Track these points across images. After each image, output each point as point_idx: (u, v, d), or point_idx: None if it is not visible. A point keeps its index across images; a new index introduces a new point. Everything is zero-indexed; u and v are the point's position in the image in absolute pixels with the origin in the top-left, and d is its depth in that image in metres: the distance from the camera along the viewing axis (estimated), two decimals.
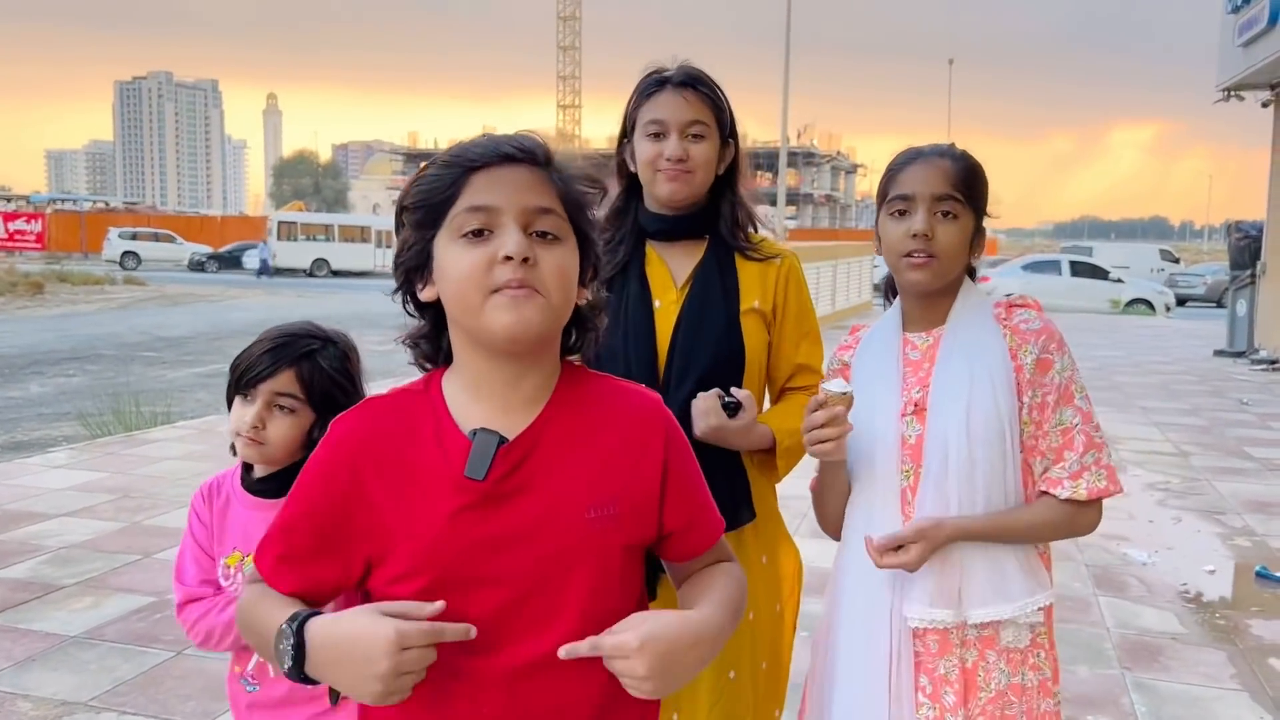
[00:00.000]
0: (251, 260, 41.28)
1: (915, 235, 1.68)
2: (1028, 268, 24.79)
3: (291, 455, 1.73)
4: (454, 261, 1.13)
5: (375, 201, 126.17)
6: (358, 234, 42.00)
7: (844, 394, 1.65)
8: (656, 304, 2.01)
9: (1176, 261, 37.34)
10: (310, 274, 39.42)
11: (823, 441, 1.66)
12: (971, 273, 1.80)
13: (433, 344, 1.22)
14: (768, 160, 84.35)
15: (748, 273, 2.04)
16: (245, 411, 1.72)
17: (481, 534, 1.14)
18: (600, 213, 2.05)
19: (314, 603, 1.20)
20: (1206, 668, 3.86)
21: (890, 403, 1.75)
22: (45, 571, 4.62)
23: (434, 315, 1.21)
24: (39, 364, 13.44)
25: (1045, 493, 1.69)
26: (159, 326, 18.69)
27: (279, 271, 38.48)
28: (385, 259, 41.36)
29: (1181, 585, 4.79)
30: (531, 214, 1.13)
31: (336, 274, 39.66)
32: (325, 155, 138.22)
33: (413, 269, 1.18)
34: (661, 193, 2.01)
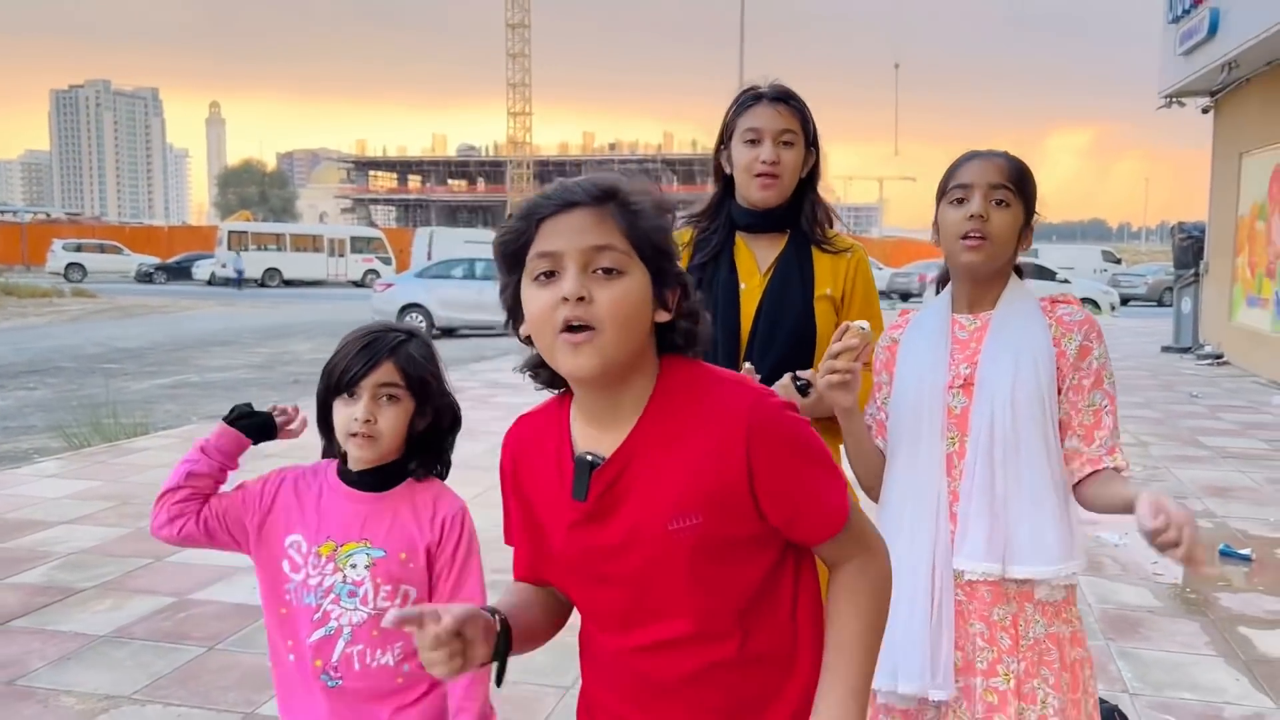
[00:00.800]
0: (202, 271, 40.79)
1: (972, 217, 1.89)
2: None
3: (398, 448, 1.81)
4: (530, 302, 1.25)
5: (323, 210, 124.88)
6: (310, 243, 41.67)
7: (864, 329, 1.86)
8: (742, 286, 2.32)
9: (1118, 262, 38.35)
10: (262, 284, 39.04)
11: (835, 373, 1.84)
12: (1019, 271, 2.01)
13: (549, 370, 1.31)
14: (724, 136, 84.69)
15: (822, 263, 2.34)
16: (353, 409, 1.76)
17: (590, 545, 1.31)
18: (698, 208, 2.31)
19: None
20: (1183, 637, 4.14)
21: (938, 375, 1.95)
22: (60, 576, 4.69)
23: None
24: None
25: (1096, 471, 1.89)
26: (115, 338, 18.48)
27: (229, 282, 38.06)
28: (338, 268, 41.08)
29: (1152, 564, 5.08)
30: (590, 253, 1.21)
31: (289, 283, 39.31)
32: (271, 164, 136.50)
33: (510, 308, 1.31)
34: (755, 198, 2.31)
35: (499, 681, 1.27)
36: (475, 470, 6.92)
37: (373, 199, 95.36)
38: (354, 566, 1.73)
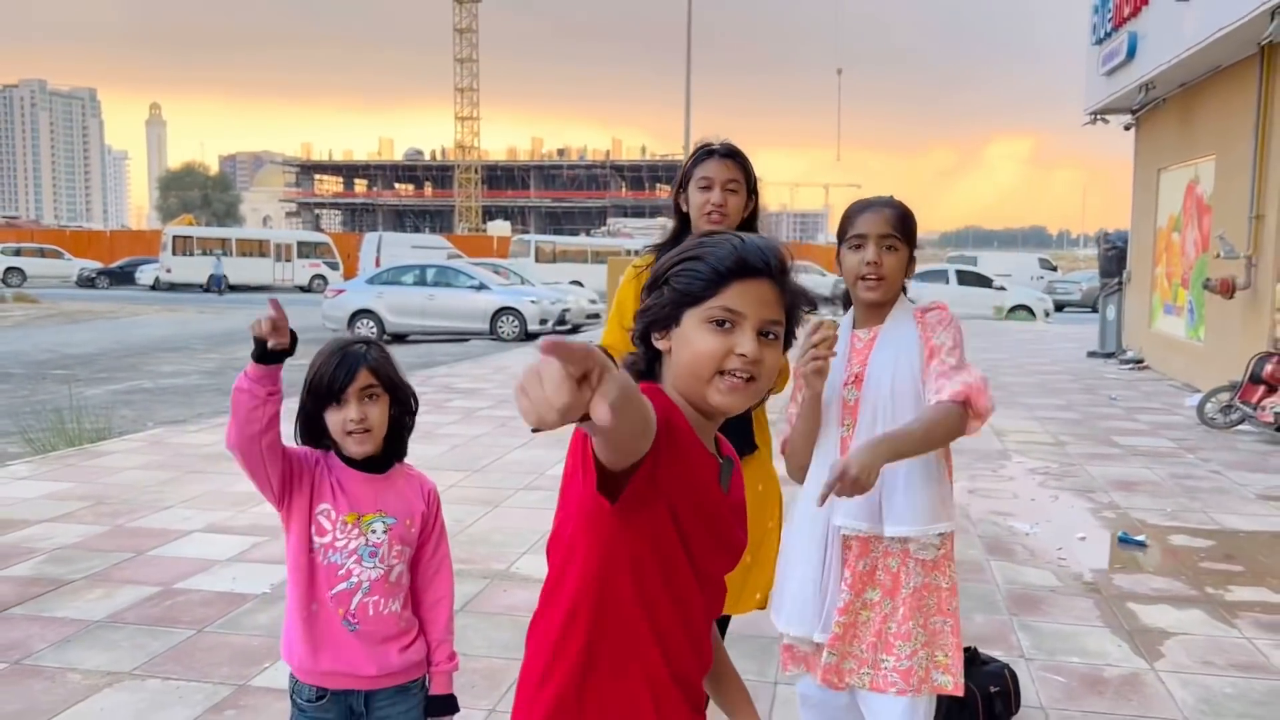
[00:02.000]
0: (146, 276, 40.38)
1: (869, 264, 2.38)
2: (917, 277, 26.01)
3: (382, 441, 2.18)
4: (700, 339, 1.45)
5: (267, 214, 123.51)
6: (256, 248, 41.46)
7: (834, 321, 2.30)
8: None
9: (1054, 269, 39.51)
10: (206, 289, 38.79)
11: (817, 359, 2.24)
12: (904, 288, 2.49)
13: (649, 366, 1.56)
14: (667, 173, 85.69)
15: None
16: (344, 413, 2.10)
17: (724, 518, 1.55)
18: (658, 239, 2.79)
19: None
20: (1078, 612, 4.65)
21: (837, 375, 2.42)
22: (48, 569, 4.99)
23: (650, 353, 1.55)
24: None
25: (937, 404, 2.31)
26: (64, 344, 18.45)
27: (209, 289, 37.73)
28: (284, 273, 40.91)
29: (1058, 549, 5.61)
30: (765, 323, 1.47)
31: (234, 289, 39.09)
32: (213, 167, 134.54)
33: (658, 321, 1.51)
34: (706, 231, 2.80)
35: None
36: (435, 471, 7.31)
37: (318, 203, 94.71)
38: (374, 532, 2.14)
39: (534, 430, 1.00)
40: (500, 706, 3.61)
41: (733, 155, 2.82)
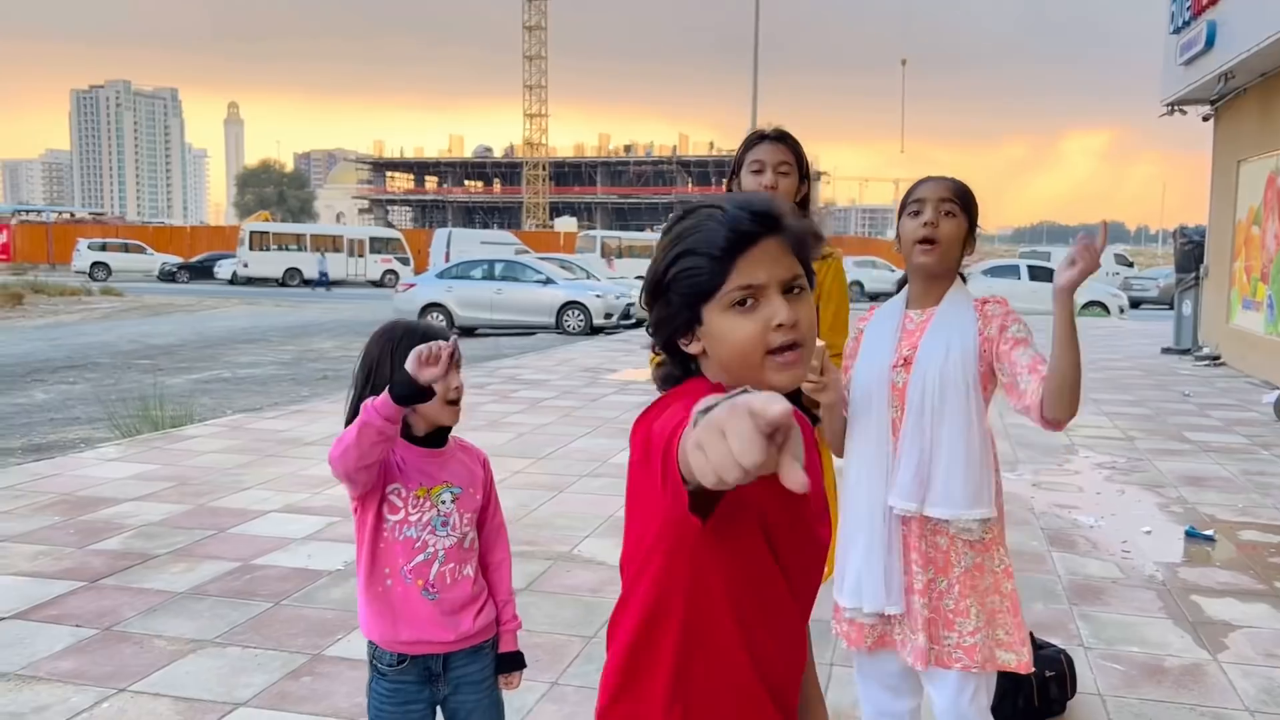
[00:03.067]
0: (224, 271, 41.51)
1: (925, 224, 2.42)
2: (988, 272, 25.69)
3: None
4: (732, 329, 1.33)
5: (340, 211, 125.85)
6: (330, 243, 42.35)
7: (819, 347, 2.37)
8: None
9: (1131, 265, 38.68)
10: (282, 283, 39.76)
11: (811, 383, 2.34)
12: (961, 275, 2.54)
13: (685, 371, 1.45)
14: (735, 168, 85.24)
15: None
16: (450, 380, 2.14)
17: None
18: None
19: None
20: (1140, 603, 4.63)
21: (885, 357, 2.48)
22: (136, 544, 5.24)
23: (683, 357, 1.43)
24: (38, 372, 13.85)
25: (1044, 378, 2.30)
26: (147, 335, 19.10)
27: (315, 284, 38.76)
28: (357, 268, 41.76)
29: (1122, 542, 5.57)
30: (787, 282, 1.35)
31: (308, 283, 40.01)
32: (289, 164, 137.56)
33: (678, 329, 1.39)
34: None
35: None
36: (501, 458, 7.49)
37: (390, 199, 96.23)
38: (444, 502, 2.25)
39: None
40: (562, 680, 3.73)
41: (783, 139, 2.88)
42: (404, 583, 2.23)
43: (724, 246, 1.33)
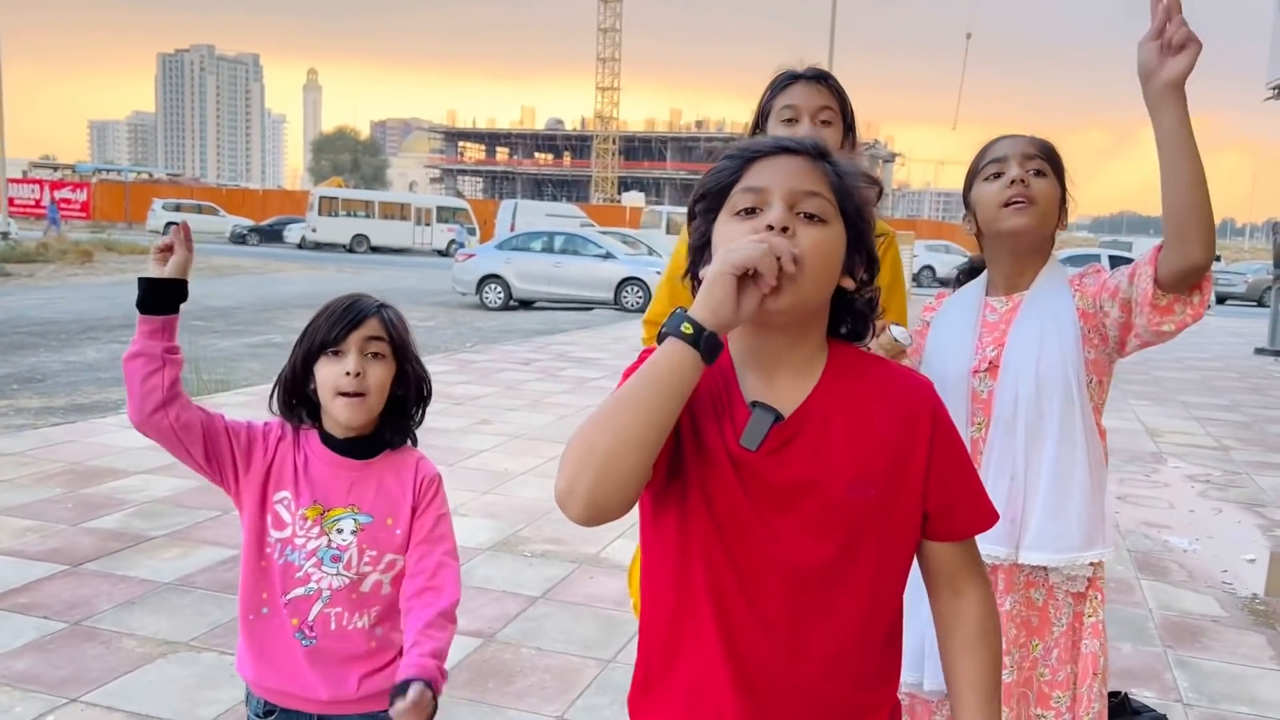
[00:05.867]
0: (293, 235, 41.76)
1: (1013, 182, 1.86)
2: (1066, 261, 24.38)
3: (377, 414, 1.79)
4: (726, 234, 1.22)
5: (412, 179, 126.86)
6: (398, 211, 42.34)
7: (897, 341, 1.82)
8: None
9: (1218, 259, 36.97)
10: (350, 249, 39.85)
11: None
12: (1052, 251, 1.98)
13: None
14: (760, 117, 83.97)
15: None
16: (340, 365, 1.73)
17: (754, 489, 1.21)
18: None
19: None
20: (1247, 649, 4.00)
21: (963, 360, 1.92)
22: (134, 523, 4.88)
23: None
24: (93, 330, 13.80)
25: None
26: (207, 296, 19.04)
27: (318, 246, 38.90)
28: (424, 236, 41.71)
29: (1222, 572, 4.92)
30: (798, 195, 1.20)
31: (375, 250, 40.05)
32: (364, 132, 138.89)
33: (697, 249, 1.28)
34: None
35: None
36: (537, 442, 7.02)
37: (461, 169, 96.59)
38: (340, 532, 1.75)
39: None
40: (569, 714, 3.23)
41: (823, 78, 2.19)
42: (280, 615, 1.75)
43: (749, 148, 1.26)
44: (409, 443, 1.88)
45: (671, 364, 1.11)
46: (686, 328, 1.11)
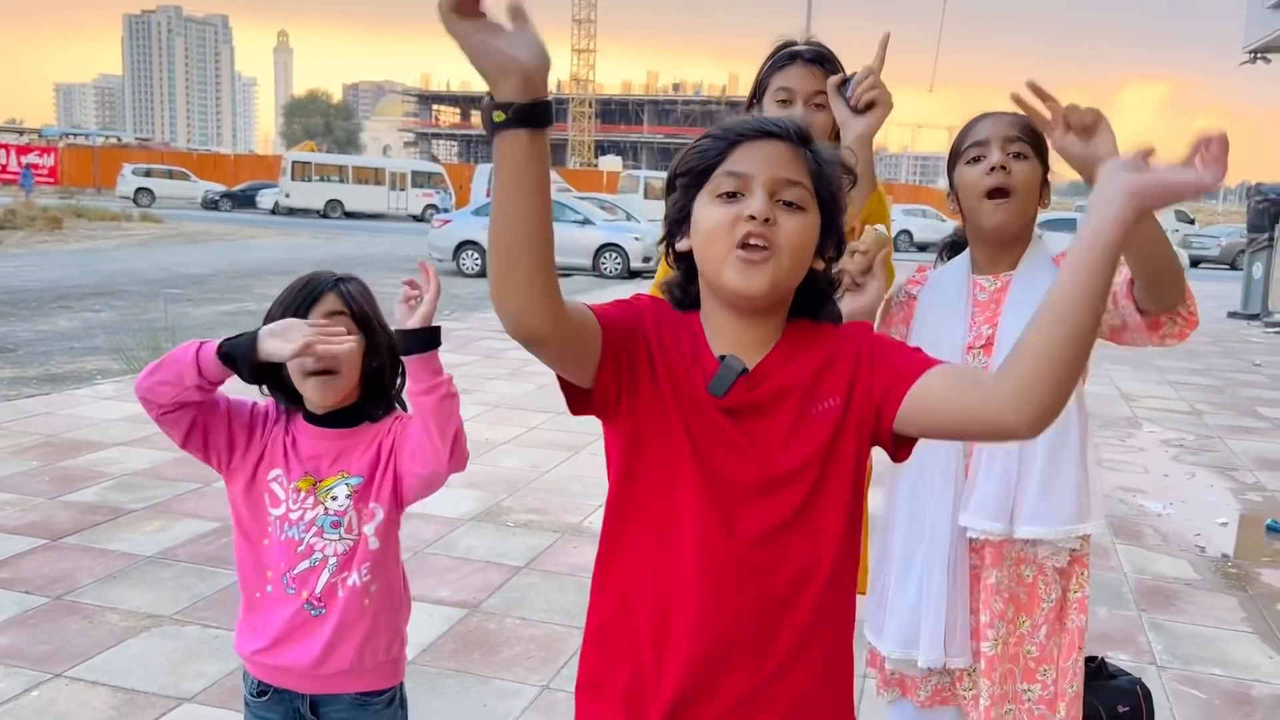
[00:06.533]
0: (266, 200, 41.29)
1: (994, 169, 1.86)
2: (1043, 225, 24.57)
3: (355, 389, 1.80)
4: (707, 216, 1.27)
5: (386, 143, 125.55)
6: (372, 176, 41.89)
7: (879, 232, 1.79)
8: None
9: (1192, 222, 37.22)
10: (324, 215, 39.45)
11: (842, 272, 1.73)
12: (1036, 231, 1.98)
13: (683, 290, 1.37)
14: (757, 91, 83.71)
15: None
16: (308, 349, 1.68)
17: (719, 430, 1.29)
18: None
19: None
20: (1219, 611, 4.08)
21: (957, 337, 1.93)
22: (112, 496, 4.85)
23: (687, 267, 1.36)
24: (65, 298, 13.62)
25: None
26: (180, 264, 18.85)
27: (291, 212, 38.50)
28: (398, 202, 41.33)
29: (1195, 535, 5.00)
30: (779, 183, 1.26)
31: (350, 215, 39.68)
32: (336, 95, 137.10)
33: (675, 222, 1.34)
34: None
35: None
36: (519, 411, 7.03)
37: (435, 133, 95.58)
38: (334, 499, 1.76)
39: None
40: (554, 684, 3.26)
41: (822, 60, 2.19)
42: (284, 592, 1.77)
43: (733, 132, 1.29)
44: (398, 409, 1.87)
45: (503, 158, 1.12)
46: (499, 115, 1.09)
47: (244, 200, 42.28)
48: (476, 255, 18.57)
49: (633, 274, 18.86)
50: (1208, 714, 3.26)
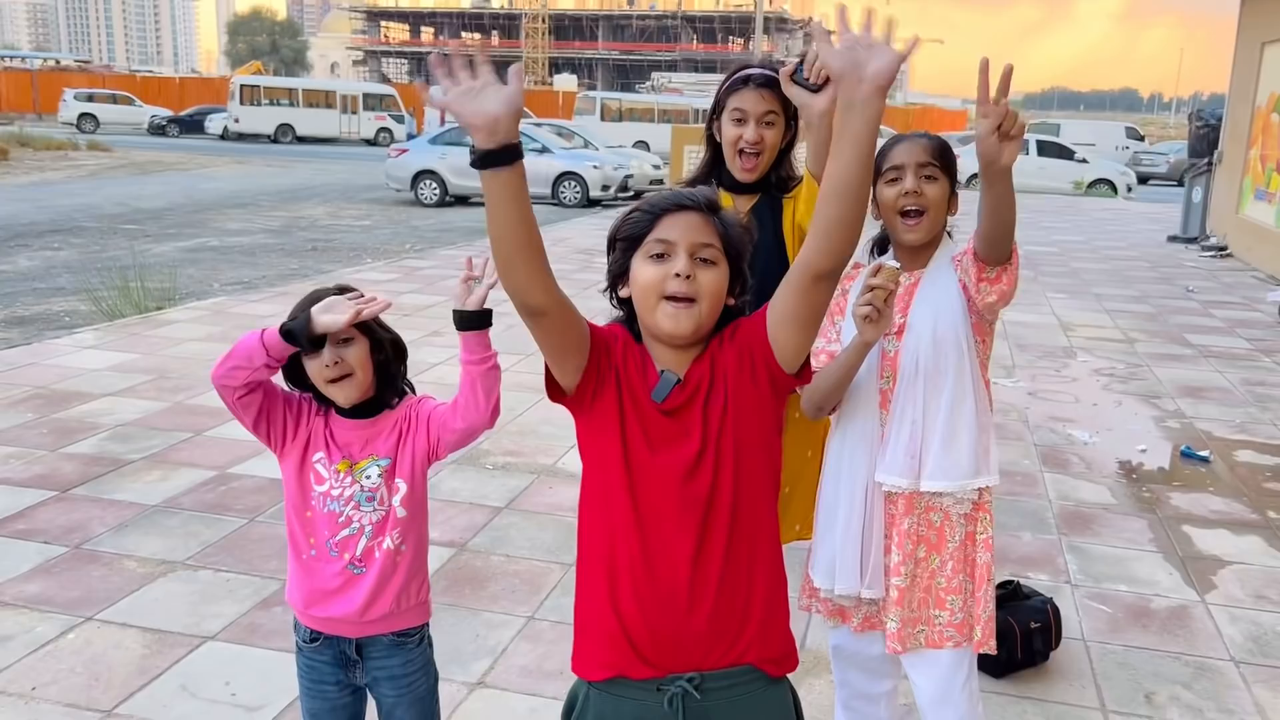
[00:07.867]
0: (215, 125, 40.48)
1: (907, 193, 2.24)
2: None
3: (372, 382, 2.12)
4: (642, 273, 1.64)
5: (334, 60, 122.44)
6: (323, 99, 41.17)
7: (897, 269, 2.13)
8: None
9: (1142, 139, 37.78)
10: (274, 139, 38.85)
11: (868, 305, 2.08)
12: (948, 232, 2.34)
13: (629, 327, 1.74)
14: (740, 25, 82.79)
15: (786, 205, 2.88)
16: (321, 358, 2.03)
17: (661, 423, 1.66)
18: (695, 173, 2.75)
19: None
20: (1130, 534, 4.55)
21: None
22: (111, 448, 5.13)
23: (629, 310, 1.72)
24: (22, 236, 13.57)
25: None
26: (134, 197, 18.68)
27: (241, 137, 37.81)
28: (350, 125, 40.73)
29: (1117, 463, 5.48)
30: (697, 246, 1.63)
31: (301, 140, 39.10)
32: (281, 12, 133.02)
33: (618, 275, 1.71)
34: (737, 176, 2.79)
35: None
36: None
37: (385, 51, 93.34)
38: (369, 477, 2.10)
39: None
40: (539, 614, 3.65)
41: (771, 85, 2.64)
42: (329, 555, 2.12)
43: (660, 206, 1.66)
44: (410, 393, 2.21)
45: (488, 187, 1.46)
46: (476, 159, 1.44)
47: (192, 125, 41.46)
48: (435, 185, 18.60)
49: (591, 202, 19.01)
50: (1112, 626, 3.73)
